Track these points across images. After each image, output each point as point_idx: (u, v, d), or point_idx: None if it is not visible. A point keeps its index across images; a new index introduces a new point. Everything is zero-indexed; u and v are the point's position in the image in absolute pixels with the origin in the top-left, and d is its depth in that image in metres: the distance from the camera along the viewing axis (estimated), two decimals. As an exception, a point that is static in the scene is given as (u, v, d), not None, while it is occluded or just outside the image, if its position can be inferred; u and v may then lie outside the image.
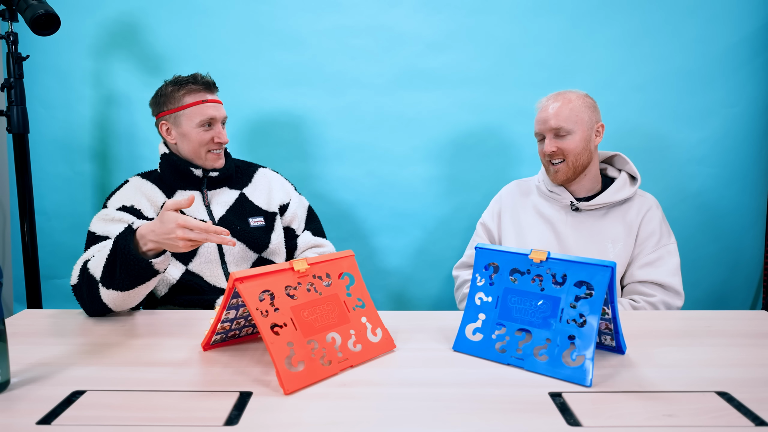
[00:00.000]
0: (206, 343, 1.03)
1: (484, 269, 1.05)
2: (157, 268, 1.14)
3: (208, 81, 1.49)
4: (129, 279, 1.14)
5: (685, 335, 1.14)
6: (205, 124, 1.46)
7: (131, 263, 1.12)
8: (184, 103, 1.45)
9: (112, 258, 1.14)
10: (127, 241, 1.12)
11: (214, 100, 1.49)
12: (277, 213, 1.59)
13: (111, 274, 1.15)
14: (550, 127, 1.48)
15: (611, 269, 0.91)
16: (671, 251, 1.49)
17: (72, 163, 2.05)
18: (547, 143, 1.49)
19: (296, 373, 0.88)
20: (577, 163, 1.49)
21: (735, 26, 1.96)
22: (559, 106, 1.48)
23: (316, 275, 1.00)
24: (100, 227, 1.36)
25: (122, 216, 1.38)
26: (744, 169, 2.04)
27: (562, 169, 1.50)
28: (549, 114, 1.49)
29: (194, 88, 1.46)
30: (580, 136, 1.48)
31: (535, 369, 0.94)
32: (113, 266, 1.14)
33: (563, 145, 1.48)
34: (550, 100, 1.51)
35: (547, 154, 1.50)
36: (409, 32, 2.00)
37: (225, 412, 0.79)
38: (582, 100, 1.50)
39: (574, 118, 1.47)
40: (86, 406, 0.82)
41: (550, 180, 1.57)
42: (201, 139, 1.47)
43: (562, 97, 1.50)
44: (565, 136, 1.48)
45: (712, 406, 0.81)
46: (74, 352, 1.03)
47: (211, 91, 1.50)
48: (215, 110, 1.48)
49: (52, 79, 2.01)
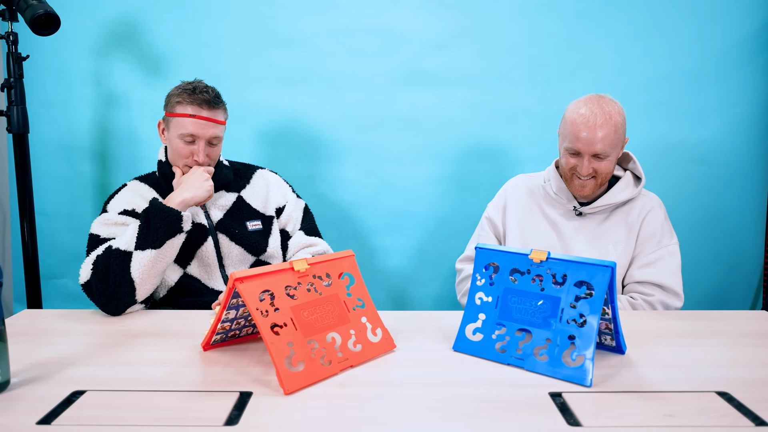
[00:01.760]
0: (206, 343, 1.03)
1: (484, 269, 1.05)
2: (183, 224, 1.31)
3: (206, 97, 1.41)
4: (162, 231, 1.28)
5: (685, 335, 1.14)
6: (186, 138, 1.42)
7: (164, 214, 1.28)
8: (175, 111, 1.42)
9: (146, 219, 1.29)
10: (156, 201, 1.31)
11: (206, 117, 1.41)
12: (273, 216, 1.58)
13: (146, 233, 1.28)
14: (593, 152, 1.40)
15: (611, 269, 0.91)
16: (672, 252, 1.48)
17: (72, 164, 2.05)
18: (586, 165, 1.42)
19: (296, 373, 0.88)
20: (605, 181, 1.47)
21: (735, 26, 1.96)
22: (607, 132, 1.38)
23: (316, 275, 1.00)
24: (104, 230, 1.37)
25: (125, 220, 1.39)
26: (744, 169, 2.04)
27: (590, 185, 1.46)
28: (596, 139, 1.38)
29: (188, 99, 1.40)
30: (615, 156, 1.44)
31: (535, 369, 0.94)
32: (147, 226, 1.29)
33: (600, 166, 1.43)
34: (596, 118, 1.38)
35: (583, 175, 1.43)
36: (408, 32, 2.00)
37: (225, 412, 0.79)
38: (622, 117, 1.42)
39: (616, 141, 1.42)
40: (86, 406, 0.82)
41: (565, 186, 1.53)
42: (179, 150, 1.43)
43: (608, 118, 1.39)
44: (603, 159, 1.42)
45: (712, 406, 0.82)
46: (74, 352, 1.03)
47: (209, 107, 1.41)
48: (200, 128, 1.40)
49: (52, 79, 2.01)
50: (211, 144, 1.45)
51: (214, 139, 1.45)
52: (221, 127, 1.47)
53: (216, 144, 1.46)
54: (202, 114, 1.41)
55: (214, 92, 1.44)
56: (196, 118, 1.40)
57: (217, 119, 1.44)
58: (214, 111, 1.43)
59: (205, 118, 1.41)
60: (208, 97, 1.41)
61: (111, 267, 1.26)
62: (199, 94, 1.41)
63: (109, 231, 1.37)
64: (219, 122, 1.45)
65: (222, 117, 1.47)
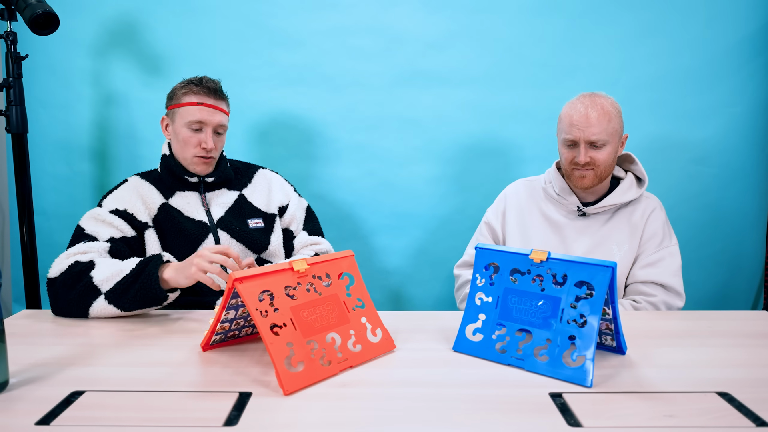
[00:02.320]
0: (205, 344, 1.03)
1: (485, 269, 1.05)
2: (165, 302, 1.24)
3: (213, 87, 1.47)
4: (138, 303, 1.21)
5: (686, 335, 1.14)
6: (194, 125, 1.45)
7: (149, 290, 1.20)
8: (182, 101, 1.45)
9: (132, 280, 1.21)
10: (155, 269, 1.21)
11: (212, 105, 1.46)
12: (276, 215, 1.59)
13: (123, 293, 1.21)
14: (588, 138, 1.43)
15: (612, 269, 0.91)
16: (673, 253, 1.49)
17: (71, 163, 2.05)
18: (582, 153, 1.44)
19: (296, 374, 0.88)
20: (604, 173, 1.48)
21: (736, 26, 1.96)
22: (600, 117, 1.42)
23: (315, 275, 1.00)
24: (90, 226, 1.38)
25: (113, 220, 1.39)
26: (745, 170, 2.04)
27: (589, 176, 1.47)
28: (590, 124, 1.42)
29: (195, 90, 1.45)
30: (612, 148, 1.46)
31: (535, 369, 0.94)
32: (129, 288, 1.21)
33: (596, 155, 1.44)
34: (588, 108, 1.43)
35: (581, 164, 1.45)
36: (409, 31, 2.00)
37: (224, 412, 0.79)
38: (616, 109, 1.46)
39: (611, 130, 1.44)
40: (85, 406, 0.82)
41: (567, 184, 1.54)
42: (187, 139, 1.45)
43: (600, 107, 1.43)
44: (599, 148, 1.44)
45: (713, 406, 0.81)
46: (73, 352, 1.03)
47: (215, 96, 1.47)
48: (207, 114, 1.45)
49: (51, 78, 2.01)
50: (217, 133, 1.49)
51: (220, 128, 1.49)
52: (226, 116, 1.51)
53: (222, 133, 1.51)
54: (209, 102, 1.46)
55: (218, 84, 1.50)
56: (204, 105, 1.45)
57: (222, 108, 1.49)
58: (219, 100, 1.48)
59: (212, 106, 1.46)
60: (214, 86, 1.48)
61: (75, 290, 1.24)
62: (205, 84, 1.47)
63: (95, 227, 1.37)
64: (224, 111, 1.50)
65: (226, 108, 1.51)
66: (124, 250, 1.36)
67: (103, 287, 1.22)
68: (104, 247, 1.33)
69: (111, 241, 1.35)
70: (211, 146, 1.46)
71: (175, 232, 1.44)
